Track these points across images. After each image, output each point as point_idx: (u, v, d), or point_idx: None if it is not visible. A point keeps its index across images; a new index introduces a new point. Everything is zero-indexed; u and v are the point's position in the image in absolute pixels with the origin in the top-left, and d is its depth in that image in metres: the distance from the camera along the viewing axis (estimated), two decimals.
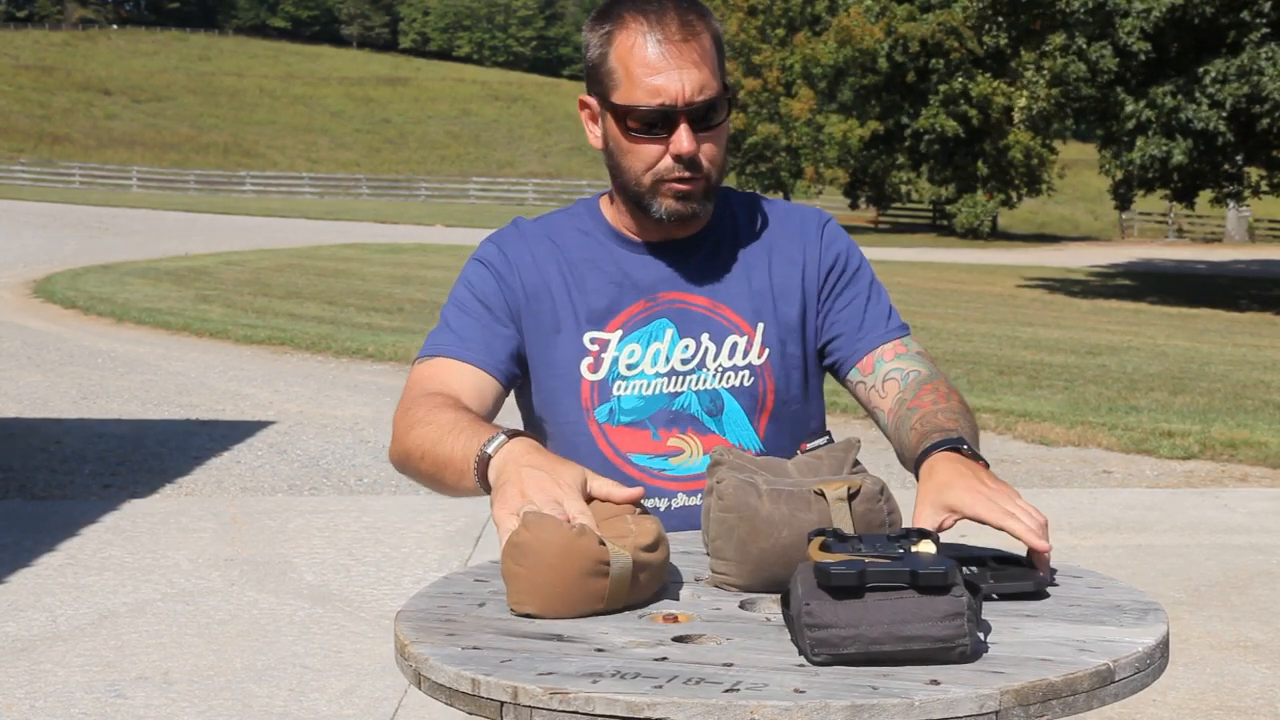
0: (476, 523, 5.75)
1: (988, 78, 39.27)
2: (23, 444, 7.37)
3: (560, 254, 1.94)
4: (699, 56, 1.81)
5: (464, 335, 1.90)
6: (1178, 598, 4.82)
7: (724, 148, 1.88)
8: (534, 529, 1.49)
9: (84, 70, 74.98)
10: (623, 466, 1.88)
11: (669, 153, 1.83)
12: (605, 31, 1.85)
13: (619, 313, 1.90)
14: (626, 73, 1.82)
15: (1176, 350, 13.77)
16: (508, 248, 1.96)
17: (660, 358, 1.89)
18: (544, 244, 1.96)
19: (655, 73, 1.80)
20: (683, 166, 1.83)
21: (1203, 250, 40.07)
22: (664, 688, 1.24)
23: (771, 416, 1.91)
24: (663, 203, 1.86)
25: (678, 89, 1.80)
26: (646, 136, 1.83)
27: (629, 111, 1.82)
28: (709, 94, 1.81)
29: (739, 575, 1.58)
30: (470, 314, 1.92)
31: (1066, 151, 44.19)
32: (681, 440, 1.89)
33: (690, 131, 1.81)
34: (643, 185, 1.86)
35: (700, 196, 1.86)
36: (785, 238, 1.97)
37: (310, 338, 11.68)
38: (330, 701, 3.74)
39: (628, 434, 1.89)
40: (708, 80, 1.81)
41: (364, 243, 27.42)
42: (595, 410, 1.89)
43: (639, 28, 1.81)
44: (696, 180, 1.84)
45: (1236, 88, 20.37)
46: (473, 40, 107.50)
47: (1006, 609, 1.50)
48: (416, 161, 65.88)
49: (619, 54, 1.83)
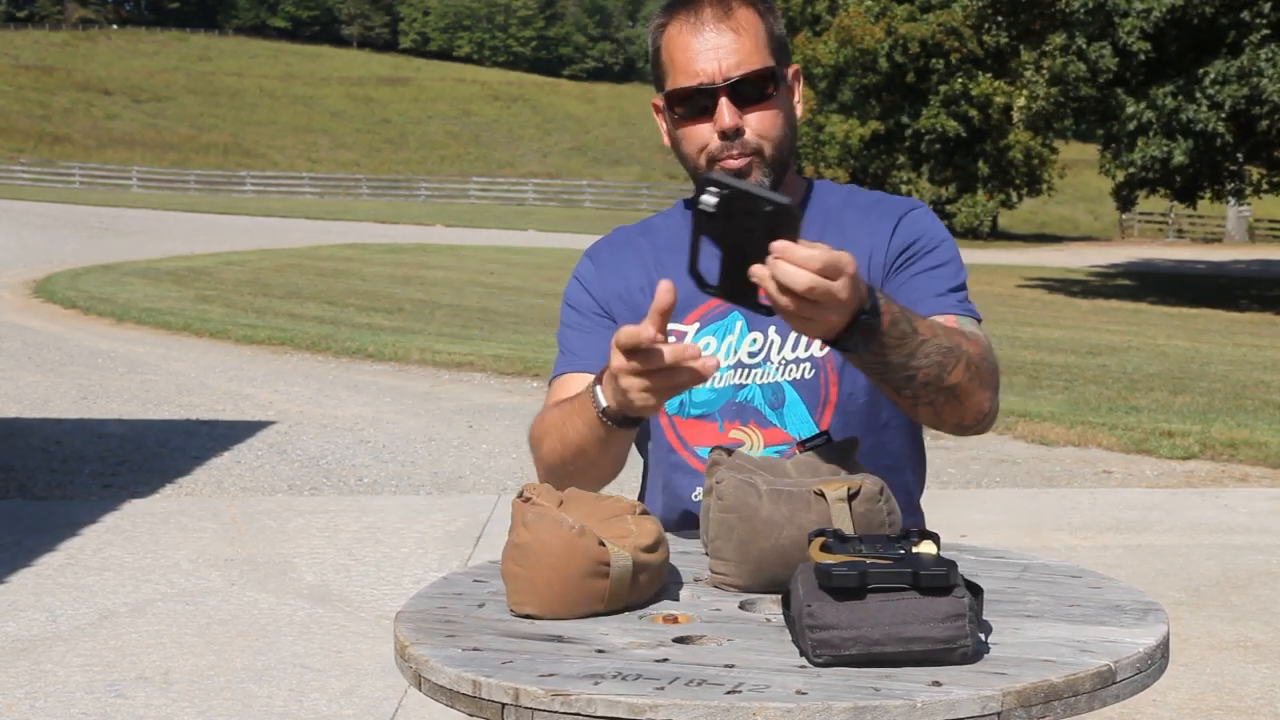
0: (476, 523, 5.75)
1: (988, 78, 39.27)
2: (23, 444, 7.37)
3: (650, 251, 2.00)
4: (735, 33, 1.85)
5: (572, 349, 1.98)
6: (1178, 598, 4.81)
7: (782, 123, 1.88)
8: (534, 530, 1.49)
9: (84, 70, 74.99)
10: (688, 459, 1.91)
11: (714, 129, 1.86)
12: (657, 27, 1.92)
13: (697, 306, 1.92)
14: (672, 61, 1.88)
15: (1176, 350, 13.77)
16: (597, 257, 2.03)
17: (731, 351, 1.91)
18: (634, 247, 2.02)
19: (693, 55, 1.85)
20: (729, 142, 1.85)
21: (1203, 250, 40.06)
22: (665, 689, 1.24)
23: (837, 409, 1.89)
24: None
25: (714, 68, 1.84)
26: (693, 118, 1.87)
27: (674, 96, 1.88)
28: (748, 68, 1.84)
29: (739, 576, 1.58)
30: (573, 327, 2.00)
31: (1066, 151, 44.19)
32: (743, 432, 1.90)
33: (732, 106, 1.84)
34: (701, 169, 1.89)
35: (755, 171, 1.87)
36: (861, 227, 1.95)
37: (310, 338, 11.68)
38: (330, 701, 3.74)
39: (695, 426, 1.91)
40: (747, 56, 1.84)
41: (364, 243, 27.42)
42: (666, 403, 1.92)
43: (681, 18, 1.88)
44: (747, 156, 1.86)
45: (1236, 89, 20.37)
46: (473, 40, 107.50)
47: (1009, 611, 1.50)
48: (416, 161, 65.87)
49: (666, 47, 1.90)
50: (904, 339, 1.65)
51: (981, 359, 1.77)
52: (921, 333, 1.68)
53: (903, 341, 1.64)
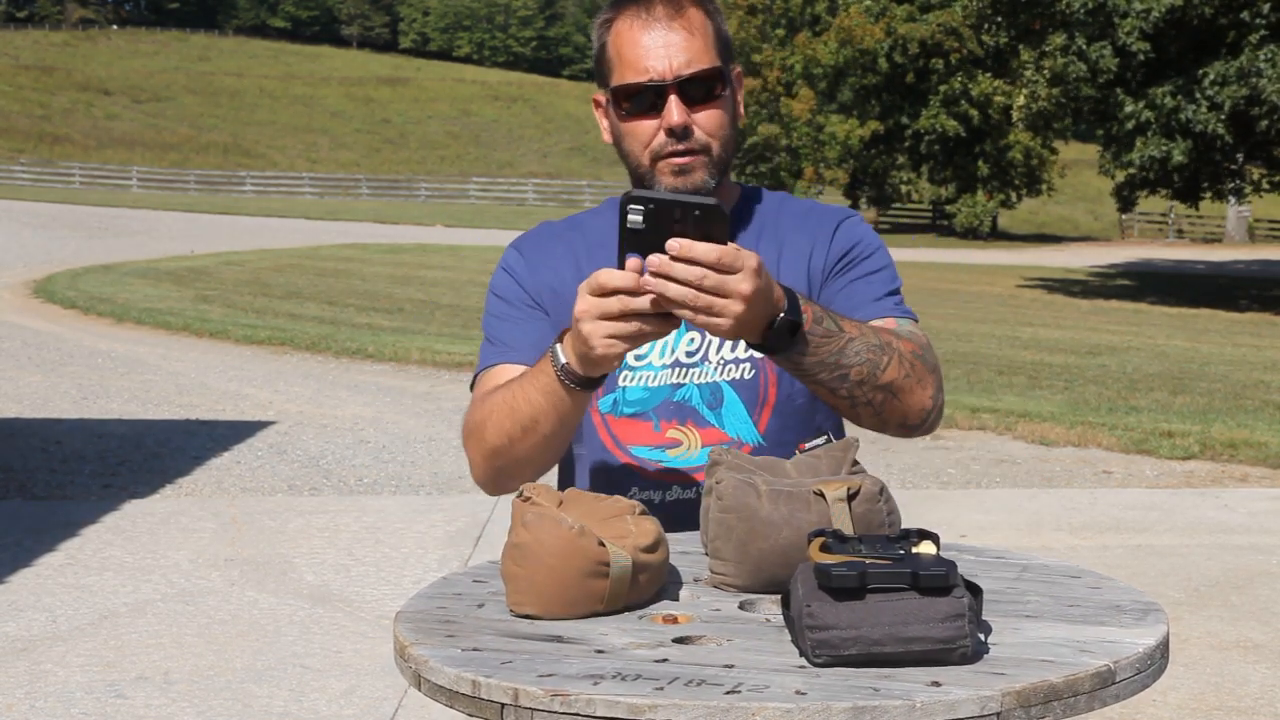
0: (476, 523, 5.75)
1: (988, 78, 39.27)
2: (23, 444, 7.37)
3: (582, 248, 1.97)
4: (687, 32, 1.84)
5: (503, 340, 1.94)
6: (1178, 598, 4.81)
7: (728, 123, 1.88)
8: (533, 530, 1.49)
9: (84, 70, 74.98)
10: (621, 457, 1.89)
11: (661, 127, 1.85)
12: (603, 22, 1.91)
13: None
14: (620, 57, 1.87)
15: (1176, 350, 13.77)
16: (525, 248, 2.00)
17: (667, 350, 1.89)
18: (564, 241, 1.99)
19: (643, 51, 1.84)
20: (676, 139, 1.84)
21: (1203, 250, 40.06)
22: (665, 689, 1.24)
23: (774, 411, 1.89)
24: (662, 180, 1.87)
25: (665, 65, 1.84)
26: (640, 114, 1.86)
27: (621, 92, 1.86)
28: (698, 67, 1.84)
29: (738, 576, 1.58)
30: (502, 318, 1.96)
31: (1066, 151, 44.19)
32: (680, 432, 1.88)
33: (681, 104, 1.84)
34: (644, 166, 1.88)
35: (700, 170, 1.86)
36: (799, 233, 1.96)
37: (310, 338, 11.68)
38: (330, 702, 3.74)
39: (629, 425, 1.89)
40: (697, 54, 1.84)
41: (364, 243, 27.42)
42: (599, 401, 1.90)
43: (629, 15, 1.87)
44: (694, 154, 1.85)
45: (1235, 90, 20.37)
46: (473, 40, 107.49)
47: (1008, 611, 1.50)
48: (416, 161, 65.86)
49: (614, 42, 1.88)
50: (829, 337, 1.67)
51: (917, 356, 1.79)
52: (848, 331, 1.70)
53: (828, 339, 1.67)
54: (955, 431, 8.11)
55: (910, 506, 5.99)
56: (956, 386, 9.71)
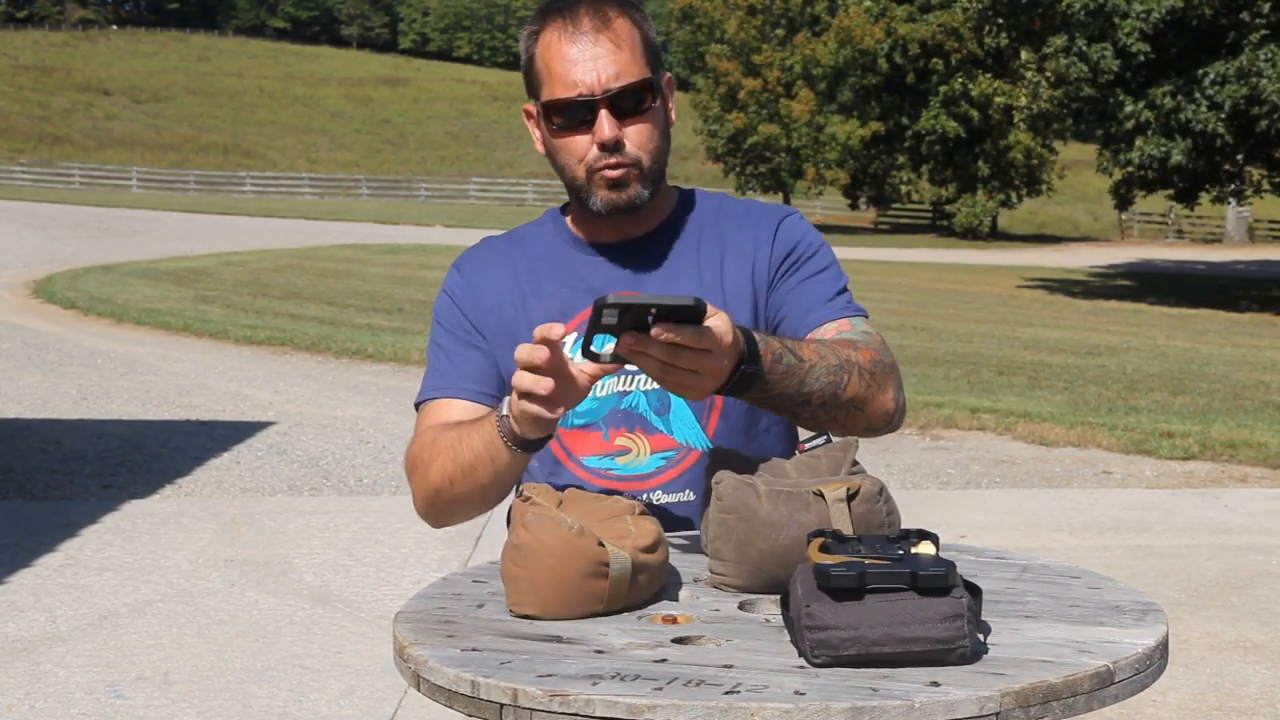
0: (476, 523, 5.75)
1: (988, 78, 39.28)
2: (23, 444, 7.37)
3: (522, 262, 1.98)
4: (614, 44, 1.83)
5: (443, 373, 1.95)
6: (1178, 598, 4.81)
7: (660, 134, 1.88)
8: (533, 530, 1.49)
9: (84, 70, 75.00)
10: (573, 469, 1.89)
11: (593, 141, 1.84)
12: (530, 34, 1.90)
13: (573, 316, 1.91)
14: (548, 71, 1.86)
15: (1176, 350, 13.77)
16: (465, 269, 2.01)
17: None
18: (505, 257, 1.99)
19: (572, 65, 1.83)
20: (608, 153, 1.84)
21: (1203, 250, 40.07)
22: (664, 690, 1.24)
23: (722, 414, 1.89)
24: (598, 194, 1.87)
25: (594, 79, 1.82)
26: (571, 129, 1.86)
27: (551, 107, 1.86)
28: (627, 80, 1.83)
29: (738, 576, 1.58)
30: (443, 348, 1.97)
31: (1066, 152, 44.19)
32: (629, 439, 1.88)
33: (611, 118, 1.83)
34: (579, 179, 1.88)
35: (635, 183, 1.86)
36: (740, 235, 1.95)
37: (310, 338, 11.68)
38: (330, 702, 3.74)
39: (580, 436, 1.90)
40: (625, 66, 1.83)
41: (364, 243, 27.42)
42: None
43: (556, 26, 1.85)
44: (626, 167, 1.85)
45: (1235, 90, 20.37)
46: (472, 41, 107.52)
47: (1008, 611, 1.50)
48: (416, 162, 65.88)
49: (541, 55, 1.87)
50: (789, 372, 1.68)
51: (875, 364, 1.79)
52: (807, 359, 1.71)
53: (788, 374, 1.68)
54: (955, 431, 8.11)
55: (910, 507, 5.98)
56: (957, 386, 9.71)
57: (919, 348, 12.38)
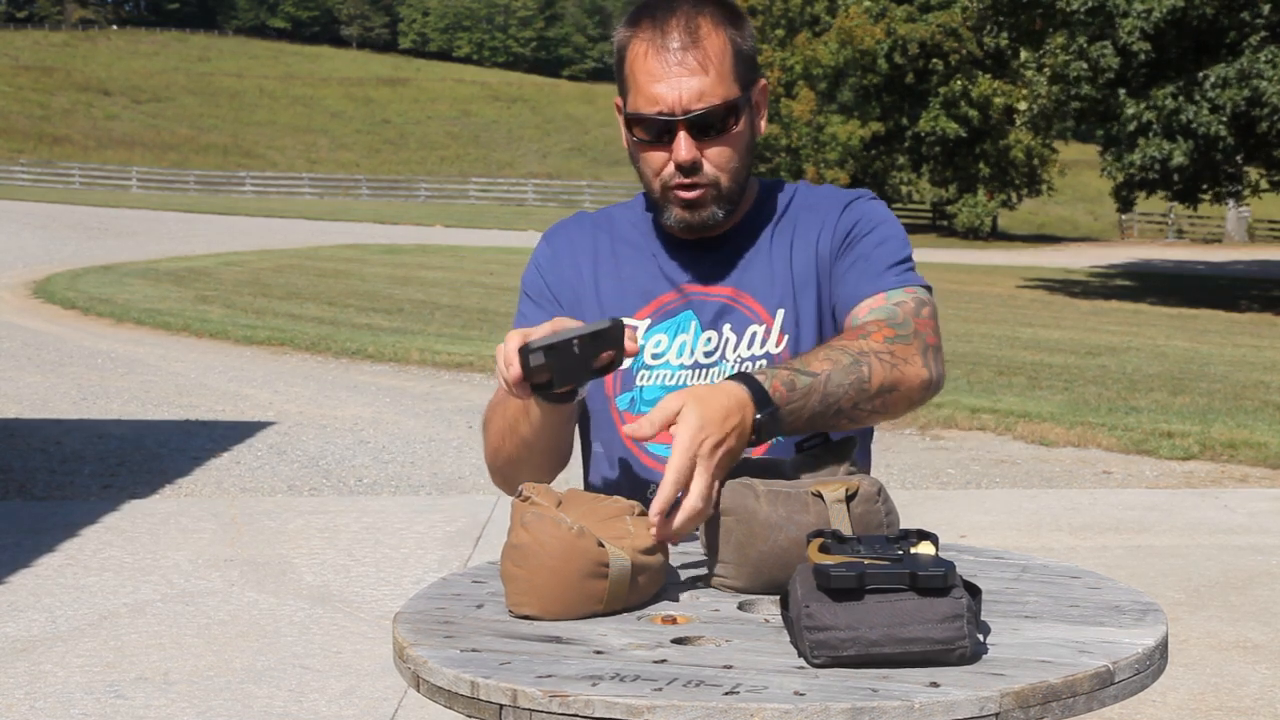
0: (476, 523, 5.75)
1: (988, 78, 39.28)
2: (23, 444, 7.37)
3: (609, 243, 1.98)
4: (700, 63, 1.79)
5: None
6: (1177, 598, 4.81)
7: (740, 154, 1.86)
8: (533, 530, 1.49)
9: (84, 70, 74.98)
10: (640, 455, 1.89)
11: (671, 159, 1.83)
12: (625, 37, 1.87)
13: (650, 301, 1.92)
14: (634, 80, 1.84)
15: (1176, 350, 13.77)
16: (554, 240, 2.02)
17: (686, 350, 1.90)
18: (592, 234, 2.00)
19: (655, 81, 1.81)
20: (684, 174, 1.83)
21: (1203, 250, 40.07)
22: (664, 690, 1.24)
23: None
24: (672, 211, 1.87)
25: (675, 97, 1.79)
26: (651, 144, 1.84)
27: (633, 120, 1.85)
28: (710, 101, 1.80)
29: (737, 577, 1.58)
30: (526, 317, 1.98)
31: (1066, 152, 44.20)
32: None
33: (690, 140, 1.81)
34: (655, 192, 1.88)
35: (710, 204, 1.86)
36: (809, 221, 1.94)
37: (310, 338, 11.68)
38: (330, 702, 3.74)
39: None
40: (710, 87, 1.80)
41: (364, 243, 27.42)
42: (617, 398, 1.91)
43: (647, 35, 1.82)
44: (702, 188, 1.84)
45: (1236, 91, 20.36)
46: (472, 41, 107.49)
47: (1007, 611, 1.50)
48: (416, 162, 65.87)
49: (631, 61, 1.85)
50: (808, 391, 1.66)
51: (890, 341, 1.75)
52: (820, 370, 1.68)
53: (808, 394, 1.66)
54: (955, 431, 8.11)
55: (910, 507, 5.99)
56: (956, 387, 9.71)
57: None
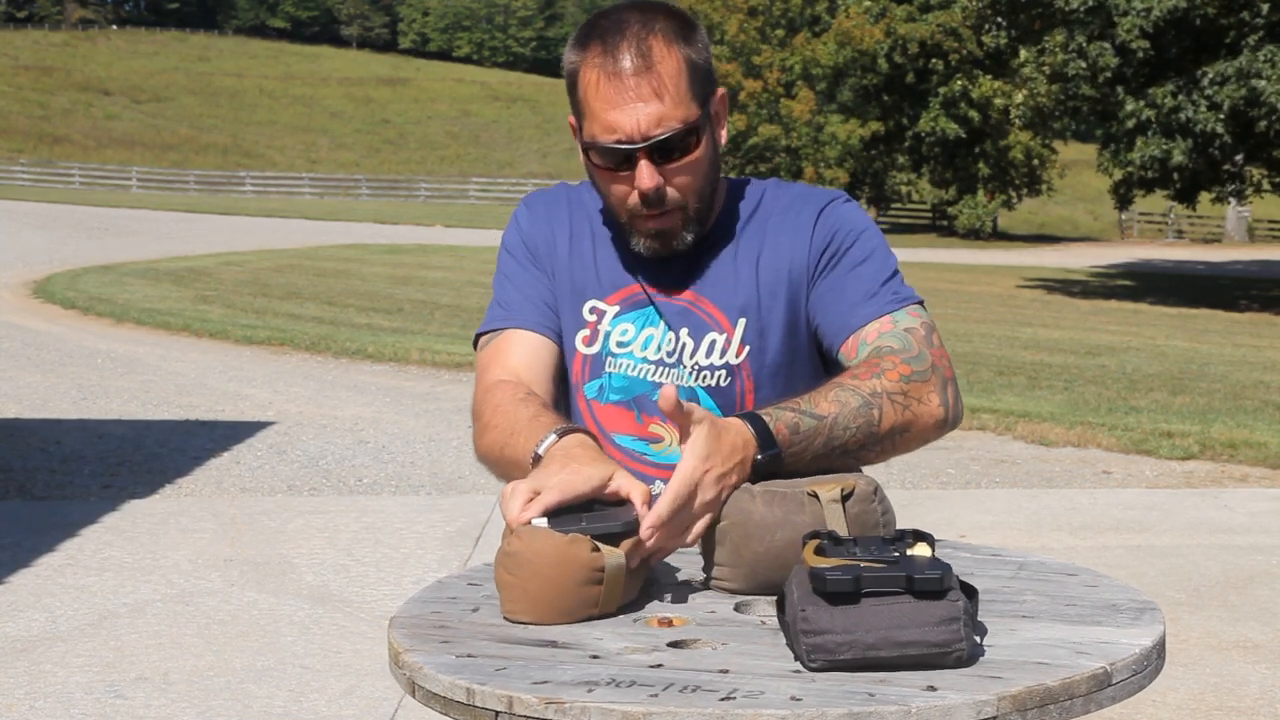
0: (476, 523, 5.75)
1: (988, 78, 39.27)
2: (23, 444, 7.37)
3: (585, 220, 1.95)
4: (655, 89, 1.74)
5: (503, 301, 1.93)
6: (1177, 598, 4.81)
7: (704, 173, 1.81)
8: (526, 539, 1.48)
9: (84, 70, 74.98)
10: (606, 445, 1.85)
11: (634, 187, 1.79)
12: (575, 62, 1.81)
13: (621, 288, 1.89)
14: (589, 107, 1.78)
15: (1176, 350, 13.77)
16: (536, 206, 1.98)
17: (652, 344, 1.87)
18: (572, 208, 1.97)
19: (611, 108, 1.75)
20: (649, 205, 1.79)
21: (1202, 250, 40.06)
22: (660, 696, 1.24)
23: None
24: (640, 240, 1.84)
25: (633, 125, 1.74)
26: (612, 173, 1.80)
27: (591, 147, 1.80)
28: (670, 125, 1.74)
29: (733, 578, 1.58)
30: (509, 275, 1.94)
31: (1066, 151, 44.19)
32: (662, 429, 1.86)
33: (651, 167, 1.76)
34: (621, 218, 1.85)
35: (678, 230, 1.82)
36: (780, 226, 1.88)
37: (310, 338, 11.68)
38: (330, 702, 3.74)
39: (614, 413, 1.88)
40: (668, 112, 1.74)
41: (364, 243, 27.42)
42: (585, 386, 1.89)
43: (598, 61, 1.76)
44: (668, 215, 1.80)
45: (1235, 90, 20.36)
46: (472, 41, 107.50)
47: (1004, 611, 1.49)
48: (416, 162, 65.87)
49: (584, 88, 1.79)
50: (813, 434, 1.65)
51: (905, 380, 1.72)
52: (827, 413, 1.66)
53: (812, 436, 1.65)
54: (955, 431, 8.10)
55: (910, 507, 5.98)
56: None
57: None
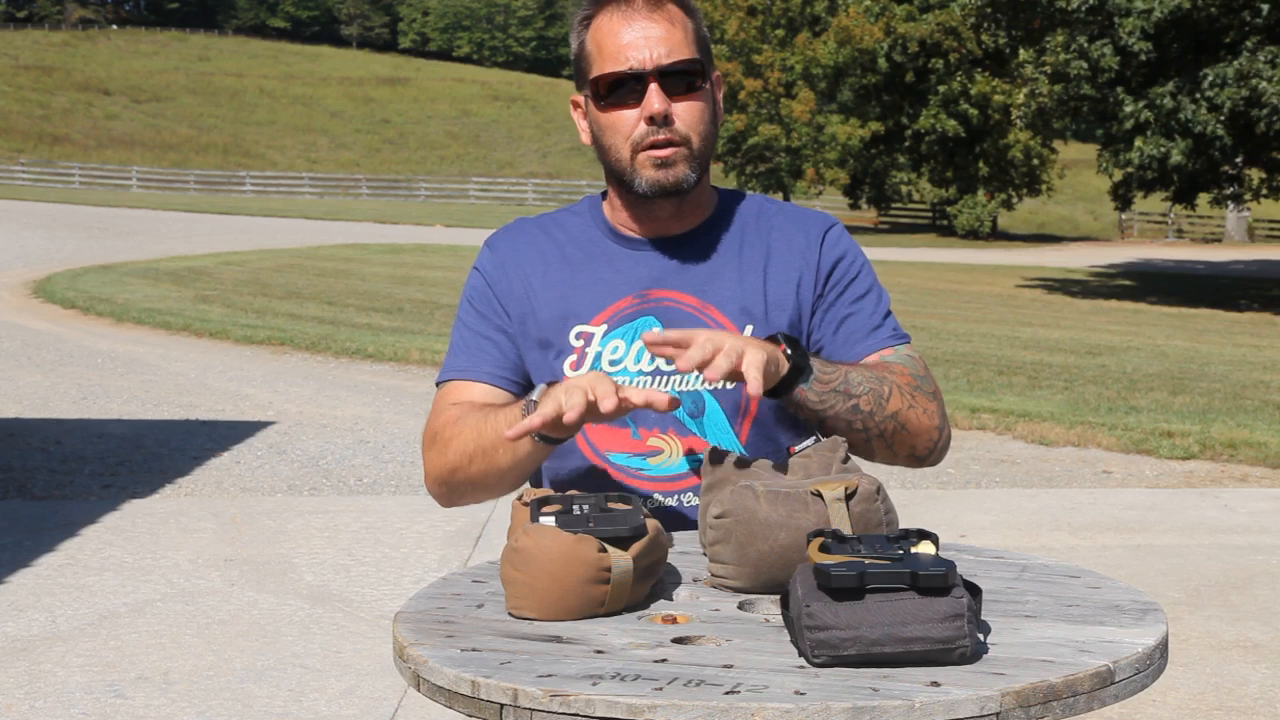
0: (476, 523, 5.75)
1: (987, 77, 39.28)
2: (23, 444, 7.37)
3: (558, 248, 1.96)
4: (668, 24, 1.86)
5: (470, 355, 1.95)
6: (1177, 598, 4.81)
7: (709, 119, 1.88)
8: (534, 536, 1.48)
9: (84, 70, 74.96)
10: (599, 464, 1.87)
11: (642, 116, 1.84)
12: (582, 19, 1.91)
13: (607, 307, 1.90)
14: (600, 50, 1.87)
15: (1176, 350, 13.77)
16: (500, 248, 1.99)
17: (645, 356, 1.87)
18: (538, 241, 1.98)
19: (624, 42, 1.85)
20: (657, 129, 1.83)
21: (1202, 250, 40.07)
22: (664, 690, 1.24)
23: (755, 421, 1.89)
24: (643, 173, 1.86)
25: (645, 54, 1.84)
26: (620, 104, 1.85)
27: (601, 81, 1.86)
28: (679, 57, 1.84)
29: (737, 577, 1.58)
30: (470, 329, 1.97)
31: (1066, 151, 44.20)
32: (662, 440, 1.87)
33: (662, 93, 1.83)
34: (624, 159, 1.87)
35: (682, 164, 1.85)
36: (785, 245, 1.95)
37: (310, 338, 11.68)
38: (330, 702, 3.74)
39: (608, 433, 1.88)
40: (678, 45, 1.85)
41: (364, 243, 27.42)
42: None
43: (610, 10, 1.88)
44: (674, 145, 1.84)
45: (1235, 92, 20.35)
46: (472, 40, 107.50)
47: (1008, 611, 1.50)
48: (416, 161, 65.86)
49: (594, 37, 1.88)
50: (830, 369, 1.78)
51: (914, 387, 1.84)
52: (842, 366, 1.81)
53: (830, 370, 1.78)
54: (955, 431, 8.11)
55: (910, 506, 5.99)
56: (956, 386, 9.71)
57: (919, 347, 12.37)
